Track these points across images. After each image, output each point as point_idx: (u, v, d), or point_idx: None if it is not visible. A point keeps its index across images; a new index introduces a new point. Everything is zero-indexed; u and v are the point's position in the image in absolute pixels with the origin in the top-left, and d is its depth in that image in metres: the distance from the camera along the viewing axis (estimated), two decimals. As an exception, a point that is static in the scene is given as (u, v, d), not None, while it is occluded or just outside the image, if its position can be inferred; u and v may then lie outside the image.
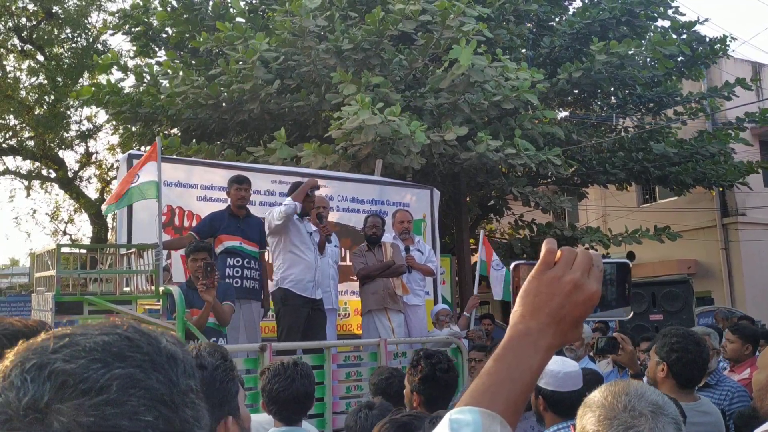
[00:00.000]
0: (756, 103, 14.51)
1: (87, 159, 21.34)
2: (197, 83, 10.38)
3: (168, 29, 12.82)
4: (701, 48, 13.45)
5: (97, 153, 22.34)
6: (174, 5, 12.26)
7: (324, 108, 10.33)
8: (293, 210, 5.73)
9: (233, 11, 11.43)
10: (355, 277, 6.67)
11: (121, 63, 13.36)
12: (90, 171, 21.85)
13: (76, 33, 19.20)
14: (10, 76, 19.24)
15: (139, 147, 12.07)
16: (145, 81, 11.76)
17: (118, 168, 7.06)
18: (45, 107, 19.15)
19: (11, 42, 19.27)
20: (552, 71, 12.04)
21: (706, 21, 13.36)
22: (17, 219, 38.44)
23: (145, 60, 13.77)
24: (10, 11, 18.33)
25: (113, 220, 15.08)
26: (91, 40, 19.27)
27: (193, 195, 6.84)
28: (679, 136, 14.23)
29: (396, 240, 6.86)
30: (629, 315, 1.12)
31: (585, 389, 2.62)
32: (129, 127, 12.79)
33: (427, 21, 9.76)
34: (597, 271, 1.02)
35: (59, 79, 18.49)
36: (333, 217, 6.40)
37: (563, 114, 14.66)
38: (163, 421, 0.65)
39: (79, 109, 19.65)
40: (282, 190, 7.25)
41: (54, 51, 19.31)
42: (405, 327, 6.53)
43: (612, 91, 13.76)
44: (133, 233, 6.19)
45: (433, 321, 7.26)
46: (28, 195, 21.69)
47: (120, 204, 5.42)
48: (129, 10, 13.00)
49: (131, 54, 14.89)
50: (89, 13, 19.32)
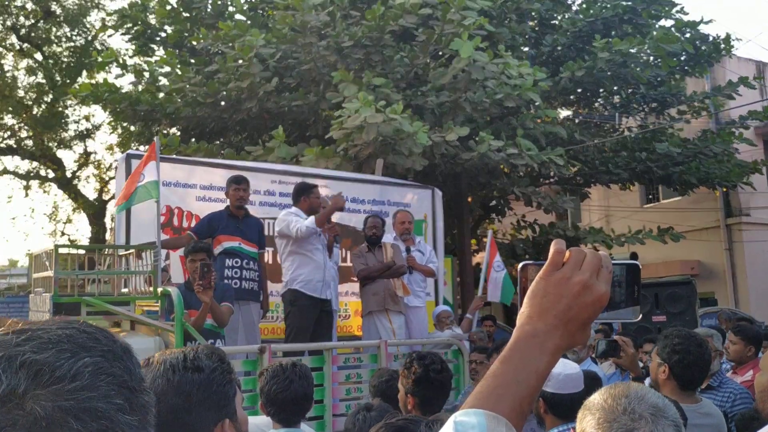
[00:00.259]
0: (760, 102, 14.45)
1: (85, 159, 21.35)
2: (193, 80, 10.36)
3: (167, 27, 12.81)
4: (705, 47, 13.40)
5: (96, 153, 22.38)
6: (173, 4, 12.24)
7: (323, 107, 10.30)
8: (315, 232, 5.87)
9: (232, 9, 11.41)
10: (356, 278, 6.65)
11: (120, 61, 13.36)
12: (88, 171, 21.90)
13: (74, 32, 19.20)
14: (8, 75, 19.23)
15: (138, 147, 12.06)
16: (144, 78, 11.74)
17: (116, 168, 7.03)
18: (43, 106, 19.16)
19: (9, 41, 19.27)
20: (554, 70, 12.00)
21: (710, 22, 13.33)
22: (14, 219, 38.57)
23: (144, 59, 13.77)
24: (8, 10, 18.33)
25: (112, 220, 15.08)
26: (90, 38, 19.27)
27: (192, 195, 6.82)
28: (683, 135, 14.17)
29: (397, 241, 6.83)
30: (638, 317, 1.09)
31: (585, 391, 2.59)
32: (127, 127, 12.77)
33: (428, 15, 9.74)
34: (606, 273, 1.02)
35: (57, 79, 18.50)
36: (333, 218, 6.38)
37: (566, 113, 14.63)
38: (129, 404, 0.72)
39: (78, 109, 19.68)
40: (281, 190, 7.23)
41: (52, 50, 19.32)
42: (405, 328, 6.50)
43: (615, 91, 13.72)
44: (132, 234, 6.17)
45: (434, 322, 7.21)
46: (26, 195, 21.70)
47: (130, 202, 5.42)
48: (127, 9, 12.98)
49: (130, 53, 14.89)
50: (88, 12, 19.31)
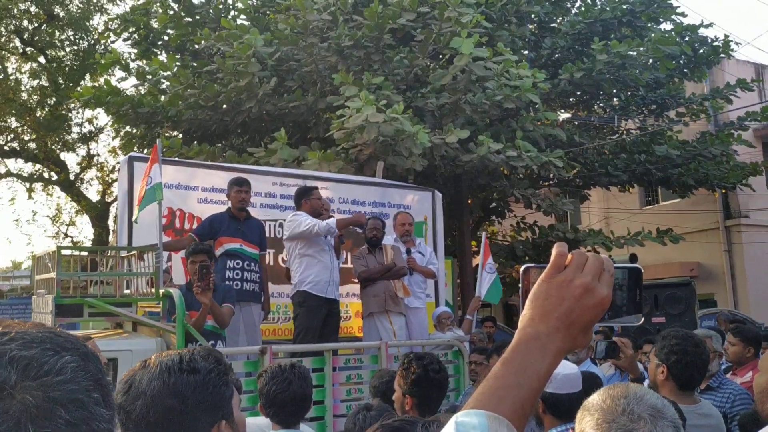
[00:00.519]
0: (759, 105, 14.46)
1: (88, 161, 21.37)
2: (189, 81, 10.36)
3: (169, 31, 12.83)
4: (703, 49, 13.42)
5: (99, 155, 22.37)
6: (175, 9, 12.26)
7: (321, 107, 10.32)
8: (333, 233, 5.95)
9: (234, 13, 11.42)
10: (356, 280, 6.67)
11: (123, 63, 13.38)
12: (91, 173, 21.89)
13: (77, 35, 19.22)
14: (11, 78, 19.26)
15: (142, 150, 12.07)
16: (147, 80, 11.76)
17: (119, 170, 7.04)
18: (46, 109, 19.18)
19: (13, 44, 19.29)
20: (553, 73, 12.01)
21: (710, 25, 13.34)
22: (18, 221, 38.57)
23: (146, 62, 13.80)
24: (11, 13, 18.35)
25: (114, 222, 15.08)
26: (93, 42, 19.30)
27: (194, 197, 6.82)
28: (682, 137, 14.18)
29: (397, 242, 6.86)
30: (640, 321, 1.10)
31: (584, 392, 2.61)
32: (130, 130, 12.78)
33: (426, 13, 9.75)
34: (608, 276, 1.02)
35: (61, 82, 18.51)
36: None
37: (565, 116, 14.63)
38: (104, 399, 0.80)
39: (81, 112, 19.69)
40: (283, 192, 7.25)
41: (56, 53, 19.34)
42: (406, 329, 6.51)
43: (614, 93, 13.73)
44: (134, 235, 6.18)
45: (435, 324, 7.22)
46: (29, 197, 21.70)
47: (143, 206, 5.47)
48: (129, 14, 13.00)
49: (132, 57, 14.91)
50: (91, 16, 19.34)
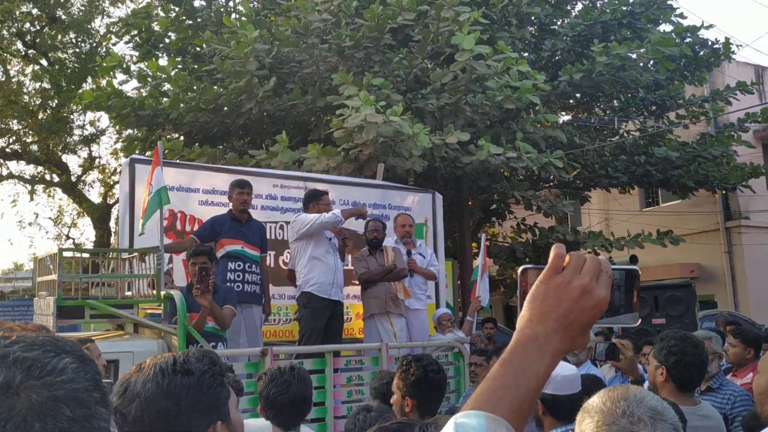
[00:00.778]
0: (759, 106, 14.46)
1: (90, 163, 21.41)
2: (188, 84, 10.37)
3: (171, 34, 12.85)
4: (703, 51, 13.41)
5: (100, 158, 22.41)
6: (177, 12, 12.28)
7: (320, 105, 10.32)
8: (339, 223, 6.03)
9: (236, 16, 11.43)
10: (357, 281, 6.68)
11: (124, 66, 13.40)
12: (93, 175, 21.95)
13: (79, 38, 19.26)
14: (13, 80, 19.30)
15: (143, 152, 12.09)
16: (148, 83, 11.79)
17: (120, 172, 7.05)
18: (48, 112, 19.22)
19: (15, 47, 19.34)
20: (554, 75, 12.01)
21: (710, 27, 13.33)
22: (21, 223, 38.59)
23: (146, 64, 13.83)
24: (14, 16, 18.39)
25: (116, 224, 15.09)
26: (95, 44, 19.33)
27: (195, 199, 6.83)
28: (682, 139, 14.19)
29: (398, 244, 6.87)
30: (637, 322, 1.10)
31: (583, 393, 2.62)
32: (132, 132, 12.80)
33: (425, 13, 9.77)
34: (606, 277, 1.02)
35: (63, 84, 18.55)
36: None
37: (565, 117, 14.63)
38: (102, 399, 0.83)
39: (82, 114, 19.72)
40: (284, 194, 7.26)
41: (58, 56, 19.38)
42: (406, 331, 6.52)
43: (614, 95, 13.73)
44: (135, 237, 6.19)
45: (435, 325, 7.23)
46: (31, 199, 21.75)
47: (147, 217, 5.46)
48: (130, 18, 13.02)
49: (134, 59, 14.94)
50: (93, 18, 19.38)
